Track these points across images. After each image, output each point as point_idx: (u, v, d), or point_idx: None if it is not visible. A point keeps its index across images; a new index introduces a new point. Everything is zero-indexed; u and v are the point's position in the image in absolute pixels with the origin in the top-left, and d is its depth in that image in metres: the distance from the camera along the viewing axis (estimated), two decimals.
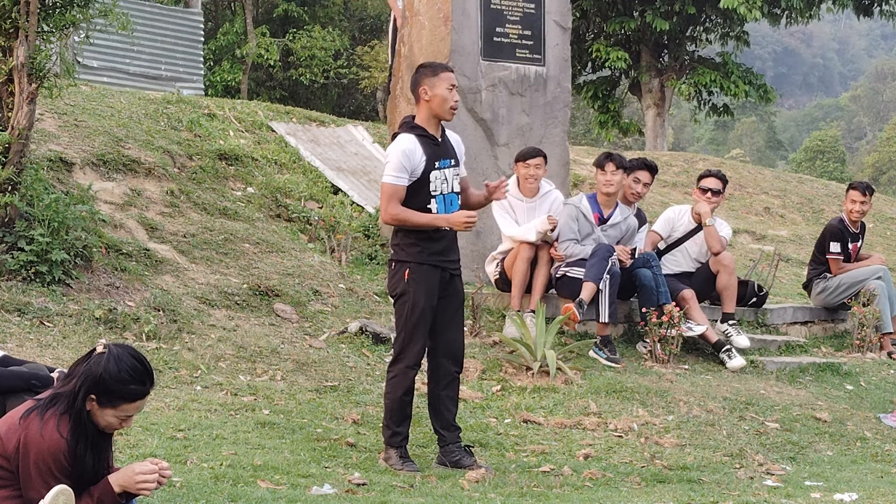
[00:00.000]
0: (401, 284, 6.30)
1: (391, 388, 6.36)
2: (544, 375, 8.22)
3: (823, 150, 58.00)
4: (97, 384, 4.00)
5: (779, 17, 24.13)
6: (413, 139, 6.30)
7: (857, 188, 10.64)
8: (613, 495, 6.01)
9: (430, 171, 6.29)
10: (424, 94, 6.35)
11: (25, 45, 7.82)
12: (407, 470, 6.17)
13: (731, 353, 9.10)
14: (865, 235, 10.93)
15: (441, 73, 6.38)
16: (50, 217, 7.96)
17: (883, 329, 10.27)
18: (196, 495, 5.14)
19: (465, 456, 6.40)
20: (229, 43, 28.83)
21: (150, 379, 4.11)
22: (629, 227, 9.22)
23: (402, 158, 6.25)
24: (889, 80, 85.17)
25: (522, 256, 8.94)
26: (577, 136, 45.40)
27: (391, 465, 6.24)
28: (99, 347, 4.06)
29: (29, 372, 4.90)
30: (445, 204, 6.35)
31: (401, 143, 6.31)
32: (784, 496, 6.14)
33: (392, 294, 6.44)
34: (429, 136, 6.35)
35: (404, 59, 10.49)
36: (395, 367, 6.36)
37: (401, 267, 6.32)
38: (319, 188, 11.60)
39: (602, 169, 9.08)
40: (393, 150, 6.32)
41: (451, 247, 6.42)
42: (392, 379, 6.36)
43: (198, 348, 7.78)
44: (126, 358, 4.05)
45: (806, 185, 18.64)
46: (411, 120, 6.43)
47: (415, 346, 6.30)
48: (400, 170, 6.25)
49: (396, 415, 6.33)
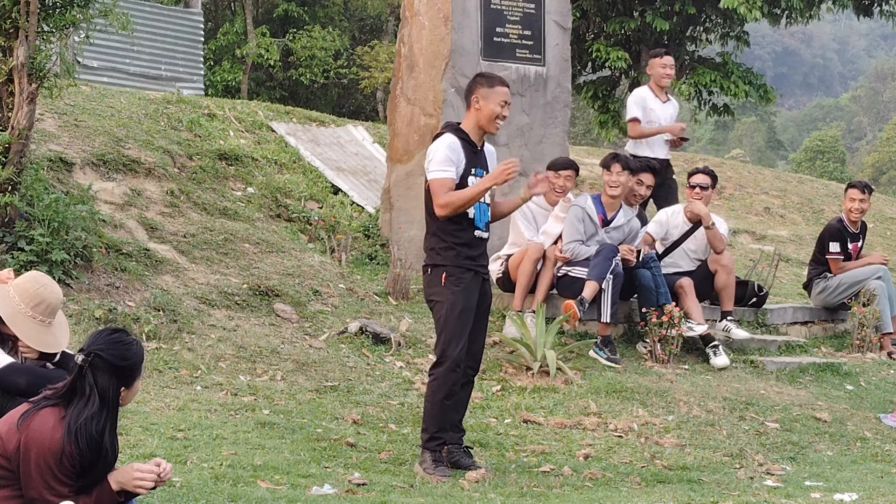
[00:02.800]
0: (439, 289, 6.28)
1: (432, 392, 6.31)
2: (544, 375, 8.22)
3: (823, 151, 58.00)
4: (121, 374, 4.07)
5: (779, 17, 24.12)
6: (456, 140, 6.33)
7: (856, 187, 10.65)
8: (613, 495, 6.01)
9: (468, 176, 6.30)
10: (476, 102, 6.37)
11: (25, 45, 7.81)
12: (438, 475, 6.11)
13: (717, 349, 9.10)
14: (867, 235, 10.93)
15: (497, 86, 6.39)
16: (50, 217, 7.96)
17: (883, 329, 10.26)
18: (196, 495, 5.14)
19: (463, 456, 6.40)
20: (229, 43, 28.84)
21: (127, 332, 4.20)
22: (632, 230, 9.23)
23: (448, 151, 6.26)
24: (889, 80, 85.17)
25: (530, 256, 8.93)
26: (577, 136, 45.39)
27: (424, 468, 6.18)
28: (79, 358, 4.05)
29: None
30: (480, 212, 6.37)
31: (445, 139, 6.33)
32: (784, 496, 6.14)
33: (429, 298, 6.40)
34: (470, 142, 6.38)
35: (404, 59, 10.49)
36: (437, 370, 6.31)
37: (438, 271, 6.31)
38: (319, 188, 11.60)
39: (608, 170, 9.06)
40: (437, 146, 6.31)
41: (484, 253, 6.46)
42: (433, 382, 6.32)
43: (198, 348, 7.78)
44: (112, 341, 4.10)
45: (806, 186, 18.64)
46: (457, 125, 6.45)
47: (456, 347, 6.24)
48: (446, 163, 6.25)
49: (436, 418, 6.29)
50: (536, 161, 10.02)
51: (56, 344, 4.74)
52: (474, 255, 6.35)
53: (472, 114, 6.38)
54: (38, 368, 4.75)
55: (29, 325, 4.62)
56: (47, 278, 4.79)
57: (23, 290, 4.64)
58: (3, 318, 4.62)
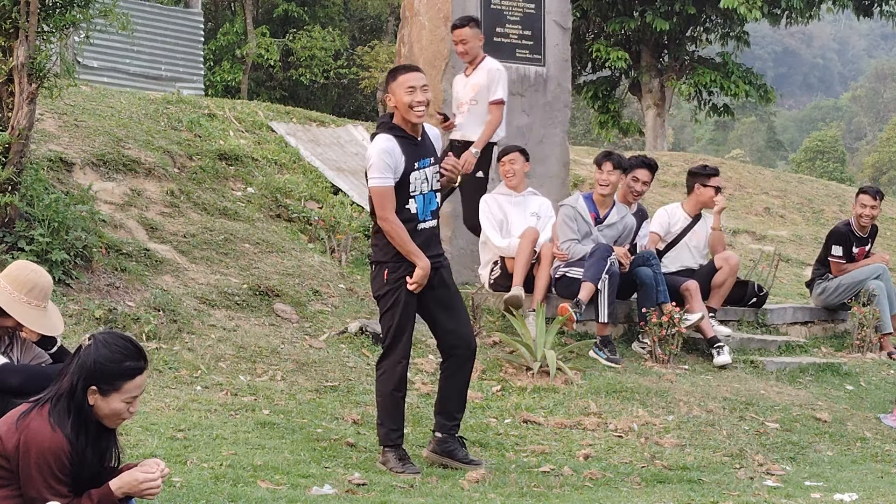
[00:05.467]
0: (381, 285, 6.30)
1: (381, 385, 6.33)
2: (544, 375, 8.22)
3: (823, 151, 58.01)
4: (94, 373, 3.98)
5: (779, 17, 24.15)
6: (391, 139, 6.23)
7: (867, 192, 10.59)
8: (613, 495, 6.01)
9: (410, 173, 6.23)
10: (389, 101, 6.29)
11: (25, 45, 7.81)
12: (408, 472, 6.13)
13: (721, 349, 9.10)
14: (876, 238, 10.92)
15: (400, 75, 6.27)
16: (50, 217, 7.96)
17: (883, 329, 10.27)
18: (196, 495, 5.14)
19: (458, 447, 6.42)
20: (229, 43, 28.85)
21: (142, 353, 4.10)
22: (626, 227, 9.22)
23: (385, 157, 6.17)
24: (889, 81, 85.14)
25: (528, 236, 8.93)
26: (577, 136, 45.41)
27: (390, 468, 6.19)
28: (85, 341, 4.06)
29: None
30: (425, 202, 6.31)
31: (379, 143, 6.23)
32: (784, 496, 6.14)
33: (375, 295, 6.42)
34: (407, 136, 6.27)
35: (404, 59, 10.49)
36: (383, 363, 6.33)
37: (380, 268, 6.31)
38: (319, 188, 11.60)
39: (599, 168, 9.09)
40: (373, 152, 6.23)
41: (430, 242, 6.35)
42: (381, 375, 6.34)
43: (198, 348, 7.78)
44: (114, 339, 4.05)
45: (806, 186, 18.65)
46: (389, 120, 6.33)
47: (400, 340, 6.26)
48: (384, 169, 6.16)
49: (390, 411, 6.30)
50: (536, 161, 10.01)
51: (54, 327, 4.79)
52: (417, 244, 6.25)
53: (394, 111, 6.29)
54: (33, 367, 4.77)
55: (27, 310, 4.65)
56: (34, 265, 4.83)
57: (13, 279, 4.67)
58: (2, 306, 4.63)
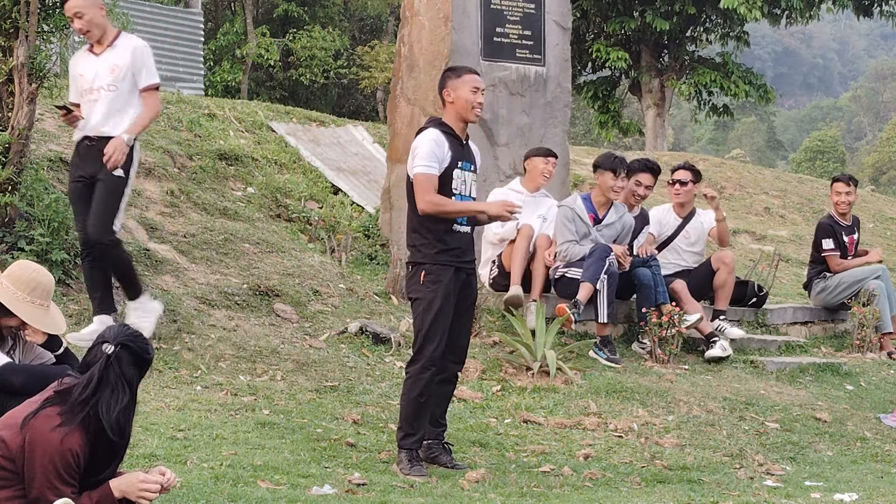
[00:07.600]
0: (417, 286, 6.29)
1: (406, 389, 6.32)
2: (544, 375, 8.22)
3: (823, 151, 58.07)
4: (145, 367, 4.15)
5: (779, 17, 24.16)
6: (440, 133, 6.30)
7: (840, 180, 10.90)
8: (613, 495, 6.01)
9: (454, 169, 6.29)
10: (448, 96, 6.36)
11: (25, 45, 7.81)
12: (414, 474, 6.11)
13: (714, 343, 9.10)
14: (862, 232, 10.96)
15: (465, 75, 6.39)
16: (50, 217, 7.96)
17: (883, 329, 10.27)
18: (196, 495, 5.14)
19: (442, 453, 6.42)
20: (229, 43, 28.85)
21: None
22: (624, 226, 9.22)
23: (433, 146, 6.23)
24: (889, 81, 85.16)
25: (524, 234, 8.93)
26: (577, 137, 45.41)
27: (400, 468, 6.18)
28: (107, 348, 4.07)
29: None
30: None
31: (428, 134, 6.30)
32: (784, 496, 6.14)
33: (409, 297, 6.42)
34: (455, 135, 6.36)
35: (404, 59, 10.49)
36: (412, 367, 6.32)
37: (417, 269, 6.32)
38: (319, 188, 11.60)
39: (615, 174, 9.00)
40: (422, 141, 6.28)
41: (468, 248, 6.42)
42: (408, 380, 6.33)
43: (198, 348, 7.78)
44: (138, 335, 4.16)
45: (806, 186, 18.65)
46: (439, 120, 6.43)
47: (430, 347, 6.24)
48: (431, 158, 6.23)
49: (410, 416, 6.28)
50: None
51: (58, 326, 4.80)
52: (456, 248, 6.31)
53: (449, 108, 6.36)
54: (35, 367, 4.77)
55: (30, 309, 4.65)
56: (35, 264, 4.84)
57: (16, 278, 4.67)
58: (6, 305, 4.64)
